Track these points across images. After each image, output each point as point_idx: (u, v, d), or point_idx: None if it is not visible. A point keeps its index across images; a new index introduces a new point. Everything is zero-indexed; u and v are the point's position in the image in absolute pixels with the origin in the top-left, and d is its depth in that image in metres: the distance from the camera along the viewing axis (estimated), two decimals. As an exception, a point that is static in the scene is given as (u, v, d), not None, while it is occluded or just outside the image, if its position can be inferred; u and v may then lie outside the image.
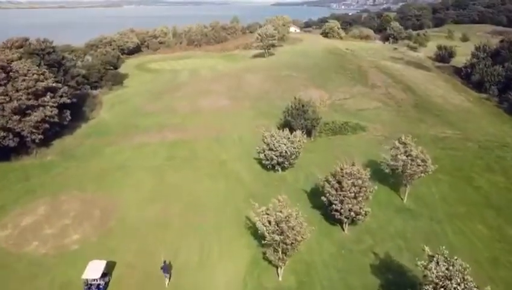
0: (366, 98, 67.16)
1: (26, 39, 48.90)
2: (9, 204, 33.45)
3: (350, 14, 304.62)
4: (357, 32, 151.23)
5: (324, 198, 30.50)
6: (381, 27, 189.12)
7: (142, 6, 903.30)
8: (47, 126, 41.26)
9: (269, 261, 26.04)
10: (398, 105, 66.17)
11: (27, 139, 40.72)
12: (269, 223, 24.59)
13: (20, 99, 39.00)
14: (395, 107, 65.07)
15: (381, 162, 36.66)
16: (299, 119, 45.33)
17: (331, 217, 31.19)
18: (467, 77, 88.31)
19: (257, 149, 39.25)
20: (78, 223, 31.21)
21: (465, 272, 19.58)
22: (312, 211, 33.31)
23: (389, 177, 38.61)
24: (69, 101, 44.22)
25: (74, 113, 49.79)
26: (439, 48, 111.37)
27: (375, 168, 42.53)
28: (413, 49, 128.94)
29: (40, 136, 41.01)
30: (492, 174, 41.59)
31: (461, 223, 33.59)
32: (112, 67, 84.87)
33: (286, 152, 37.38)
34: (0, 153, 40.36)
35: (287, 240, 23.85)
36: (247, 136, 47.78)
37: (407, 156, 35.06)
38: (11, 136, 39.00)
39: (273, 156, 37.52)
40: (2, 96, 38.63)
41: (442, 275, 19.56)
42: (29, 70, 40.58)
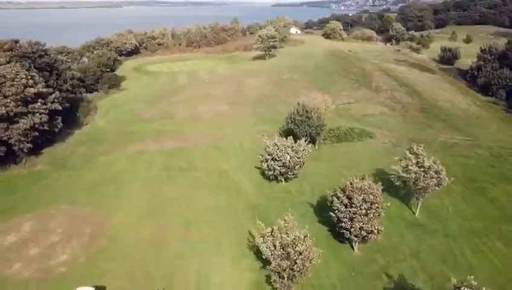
0: (371, 103, 64.89)
1: (16, 41, 46.58)
2: (-7, 220, 31.14)
3: (350, 14, 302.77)
4: (359, 33, 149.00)
5: (333, 214, 28.18)
6: (382, 28, 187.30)
7: (142, 7, 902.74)
8: (36, 134, 38.92)
9: (274, 287, 23.71)
10: (404, 110, 63.91)
11: (15, 148, 38.37)
12: (275, 246, 22.30)
13: (8, 106, 36.66)
14: (402, 112, 62.81)
15: (392, 174, 34.32)
16: (303, 126, 43.02)
17: (340, 234, 28.90)
18: (473, 79, 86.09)
19: (259, 158, 36.95)
20: (66, 241, 28.86)
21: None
22: (319, 228, 31.01)
23: (398, 189, 36.35)
24: (61, 107, 41.83)
25: (67, 119, 47.47)
26: (443, 50, 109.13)
27: (384, 178, 40.25)
28: (416, 50, 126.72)
29: (28, 144, 38.67)
30: (507, 184, 39.33)
31: (478, 240, 31.32)
32: (109, 70, 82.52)
33: (290, 162, 35.07)
34: (-13, 163, 38.10)
35: (295, 266, 21.55)
36: (248, 143, 45.48)
37: (419, 168, 32.78)
38: (-2, 145, 36.71)
39: (276, 167, 35.21)
40: (-12, 103, 36.32)
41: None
42: (17, 75, 38.24)
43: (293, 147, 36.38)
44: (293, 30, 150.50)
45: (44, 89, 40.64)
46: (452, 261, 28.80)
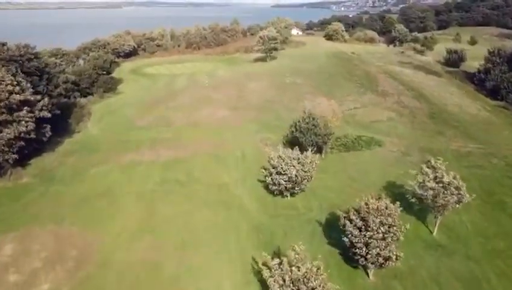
0: (378, 108, 62.12)
1: (4, 44, 43.79)
2: (-30, 241, 28.32)
3: (350, 16, 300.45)
4: (361, 34, 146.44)
5: (346, 239, 25.37)
6: (384, 29, 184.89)
7: (141, 8, 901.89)
8: (22, 144, 36.10)
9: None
10: (412, 115, 61.14)
11: None
12: (284, 281, 19.53)
13: (-9, 114, 33.92)
14: (410, 118, 60.04)
15: (406, 189, 31.54)
16: (309, 135, 40.25)
17: (352, 259, 26.12)
18: (481, 83, 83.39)
19: (262, 172, 34.17)
20: (50, 267, 26.03)
21: None
22: (329, 250, 28.21)
23: (413, 203, 33.58)
24: (49, 115, 38.99)
25: (57, 126, 44.69)
26: (449, 52, 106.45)
27: (396, 192, 37.68)
28: (420, 52, 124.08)
29: (14, 155, 35.86)
30: (527, 198, 36.58)
31: (502, 263, 28.54)
32: (105, 72, 79.75)
33: (296, 177, 32.28)
34: (-32, 175, 35.28)
35: (306, 306, 18.81)
36: (250, 153, 42.68)
37: (438, 183, 30.01)
38: (-20, 156, 33.91)
39: (281, 181, 32.42)
40: (-30, 111, 33.56)
41: None
42: (2, 81, 35.45)
43: (299, 159, 33.61)
44: (294, 31, 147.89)
45: (32, 96, 37.85)
46: (476, 288, 26.07)
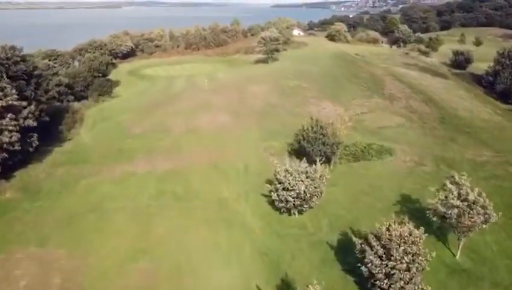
0: (387, 113, 59.24)
1: (-13, 46, 40.84)
2: None
3: (351, 16, 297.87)
4: (364, 35, 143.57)
5: (364, 268, 22.43)
6: (386, 30, 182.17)
7: (141, 8, 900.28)
8: (5, 155, 33.11)
9: None
10: (422, 121, 58.24)
11: (-19, 172, 32.62)
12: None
13: (-29, 123, 30.95)
14: (420, 124, 57.15)
15: (428, 208, 28.59)
16: (317, 145, 37.30)
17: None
18: (490, 86, 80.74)
19: (267, 187, 31.22)
20: (30, 298, 23.10)
21: None
22: (343, 278, 25.27)
23: (432, 221, 30.69)
24: (35, 123, 36.04)
25: (46, 134, 41.76)
26: (455, 53, 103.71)
27: (411, 207, 34.85)
28: (425, 54, 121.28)
29: (-4, 167, 32.94)
30: (553, 213, 33.62)
31: (535, 290, 25.63)
32: (101, 75, 76.68)
33: (305, 193, 29.34)
34: None
35: None
36: (254, 163, 39.70)
37: (462, 201, 27.09)
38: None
39: (289, 198, 29.47)
40: None
41: None
42: (-16, 86, 32.53)
43: (307, 172, 30.68)
44: (296, 32, 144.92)
45: (17, 102, 34.90)
46: (509, 323, 23.18)
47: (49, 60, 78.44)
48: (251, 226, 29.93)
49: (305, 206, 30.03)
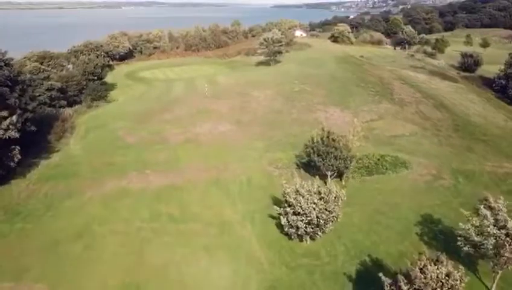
0: (398, 119, 55.77)
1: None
2: None
3: (351, 17, 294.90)
4: (368, 36, 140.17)
5: (393, 315, 19.00)
6: (389, 31, 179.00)
7: (141, 8, 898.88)
8: (-18, 172, 29.75)
9: None
10: (436, 128, 54.78)
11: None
12: None
13: None
14: (434, 131, 53.68)
15: (459, 236, 25.15)
16: (328, 159, 33.85)
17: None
18: (502, 89, 77.43)
19: (276, 210, 27.75)
20: None
21: None
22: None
23: (457, 246, 27.33)
24: (17, 135, 32.60)
25: (32, 145, 38.29)
26: (464, 56, 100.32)
27: (434, 229, 31.40)
28: (431, 55, 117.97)
29: (-28, 185, 29.47)
30: None
31: None
32: (96, 78, 73.31)
33: (318, 219, 25.88)
34: None
35: None
36: (258, 178, 36.24)
37: (500, 229, 23.66)
38: None
39: (300, 224, 26.00)
40: None
41: None
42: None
43: (320, 193, 27.25)
44: (298, 33, 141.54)
45: (-4, 112, 31.51)
46: None
47: (42, 62, 74.94)
48: (257, 255, 26.46)
49: (318, 233, 26.56)
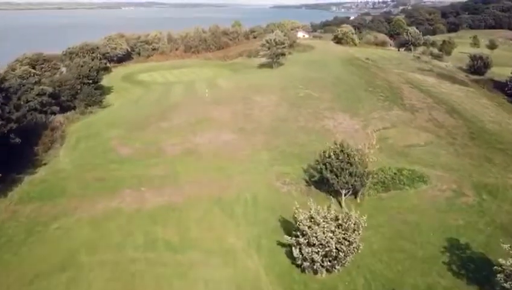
0: (411, 127, 52.43)
1: None
2: None
3: (352, 18, 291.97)
4: (372, 38, 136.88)
5: None
6: (392, 32, 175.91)
7: (140, 9, 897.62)
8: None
9: None
10: (451, 137, 51.45)
11: None
12: None
13: None
14: (449, 140, 50.35)
15: (499, 272, 21.84)
16: (343, 176, 30.51)
17: None
18: (515, 94, 74.43)
19: (286, 239, 24.37)
20: None
21: None
22: None
23: (491, 278, 24.15)
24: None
25: (16, 159, 34.93)
26: (473, 58, 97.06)
27: (463, 257, 28.09)
28: (438, 57, 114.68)
29: None
30: None
31: None
32: (91, 82, 69.83)
33: (338, 251, 22.51)
34: None
35: None
36: (265, 196, 32.87)
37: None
38: None
39: (316, 257, 22.63)
40: None
41: None
42: None
43: (338, 219, 23.92)
44: (300, 34, 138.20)
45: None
46: None
47: (35, 65, 71.59)
48: (266, 291, 23.08)
49: (336, 267, 23.18)
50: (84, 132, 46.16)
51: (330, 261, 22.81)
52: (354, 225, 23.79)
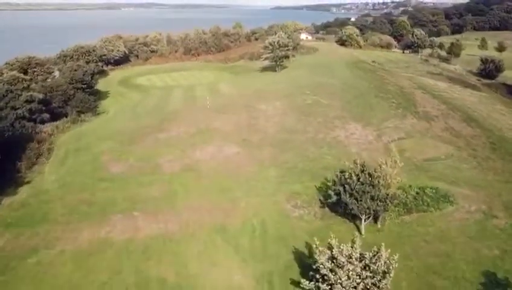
0: (428, 138, 48.61)
1: None
2: None
3: (353, 19, 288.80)
4: (377, 39, 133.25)
5: None
6: (396, 33, 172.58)
7: (140, 9, 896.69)
8: None
9: None
10: (471, 148, 47.60)
11: None
12: None
13: None
14: (470, 152, 46.49)
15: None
16: (364, 200, 26.71)
17: None
18: (531, 99, 70.93)
19: (304, 285, 20.50)
20: None
21: None
22: None
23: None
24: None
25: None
26: (484, 61, 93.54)
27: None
28: (446, 60, 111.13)
29: None
30: None
31: None
32: (85, 86, 66.11)
33: (368, 302, 18.72)
34: None
35: None
36: (274, 222, 29.02)
37: None
38: None
39: (341, 308, 18.84)
40: None
41: None
42: None
43: (364, 258, 20.14)
44: (303, 36, 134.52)
45: None
46: None
47: (26, 70, 67.80)
48: None
49: (366, 319, 19.39)
50: (73, 145, 42.23)
51: (358, 314, 19.01)
52: (384, 263, 20.00)
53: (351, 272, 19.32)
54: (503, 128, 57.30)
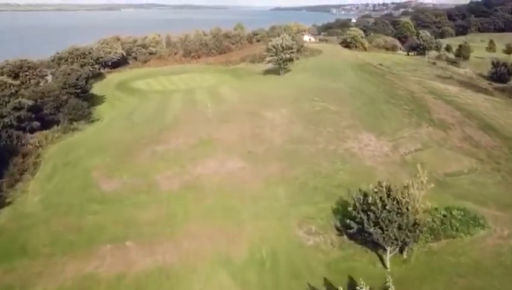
0: (447, 149, 45.09)
1: None
2: None
3: (353, 20, 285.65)
4: (382, 41, 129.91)
5: None
6: (399, 35, 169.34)
7: (140, 10, 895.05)
8: None
9: None
10: (494, 161, 43.97)
11: None
12: None
13: None
14: (493, 165, 42.85)
15: None
16: (391, 230, 23.19)
17: None
18: (547, 105, 67.43)
19: None
20: None
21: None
22: None
23: None
24: None
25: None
26: (496, 64, 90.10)
27: None
28: (454, 63, 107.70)
29: None
30: None
31: None
32: (79, 91, 62.65)
33: None
34: None
35: None
36: (286, 253, 25.47)
37: None
38: None
39: None
40: None
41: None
42: None
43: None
44: (306, 37, 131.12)
45: None
46: None
47: (18, 73, 64.26)
48: None
49: None
50: (62, 158, 38.62)
51: None
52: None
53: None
54: (524, 137, 53.84)
